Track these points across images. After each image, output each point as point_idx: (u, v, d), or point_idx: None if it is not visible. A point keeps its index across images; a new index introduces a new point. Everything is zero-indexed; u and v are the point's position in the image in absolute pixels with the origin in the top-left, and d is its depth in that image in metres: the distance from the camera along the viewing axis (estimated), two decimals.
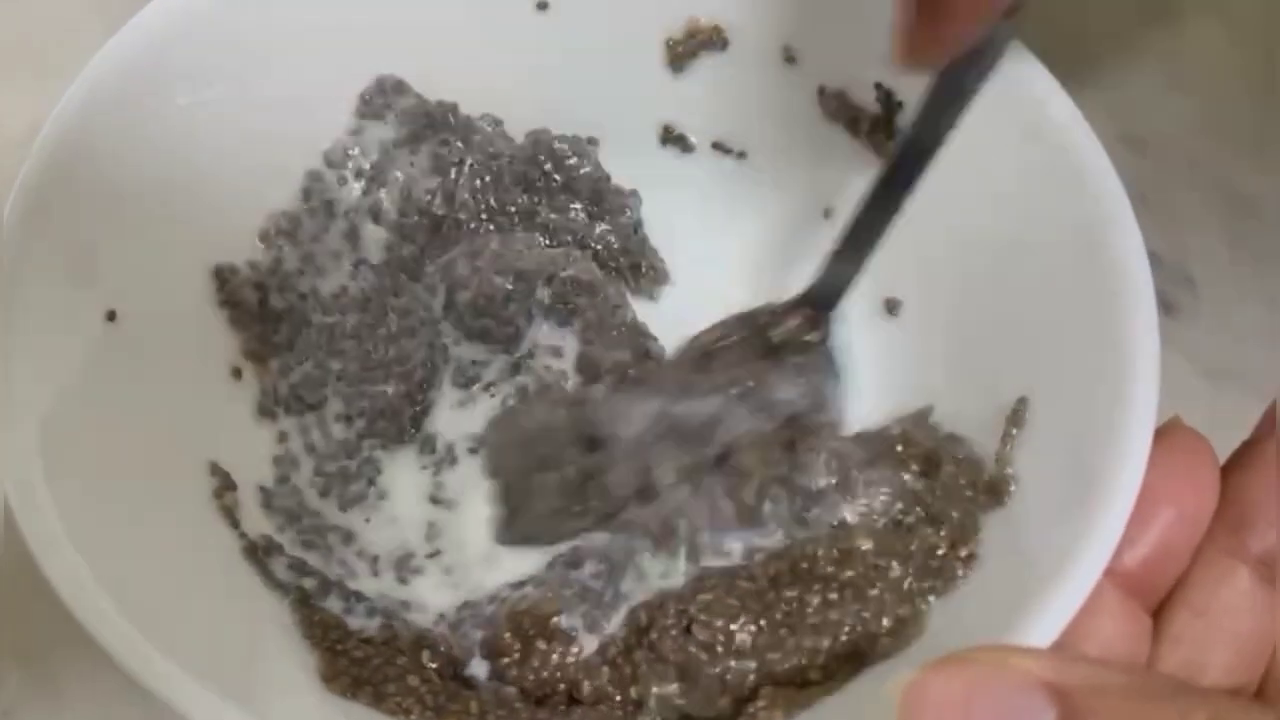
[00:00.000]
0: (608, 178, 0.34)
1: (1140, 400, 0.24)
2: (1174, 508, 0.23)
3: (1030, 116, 0.28)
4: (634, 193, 0.34)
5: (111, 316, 0.27)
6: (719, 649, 0.26)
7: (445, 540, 0.30)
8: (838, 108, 0.32)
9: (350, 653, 0.27)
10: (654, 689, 0.27)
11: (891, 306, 0.32)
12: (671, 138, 0.34)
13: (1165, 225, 0.37)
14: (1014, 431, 0.27)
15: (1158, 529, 0.23)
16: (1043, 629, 0.22)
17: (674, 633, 0.27)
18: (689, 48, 0.33)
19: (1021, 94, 0.28)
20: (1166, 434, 0.24)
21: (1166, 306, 0.36)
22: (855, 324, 0.32)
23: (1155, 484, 0.23)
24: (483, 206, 0.33)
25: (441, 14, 0.32)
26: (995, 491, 0.26)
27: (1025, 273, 0.28)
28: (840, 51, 0.31)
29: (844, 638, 0.26)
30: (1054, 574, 0.22)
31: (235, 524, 0.28)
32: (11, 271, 0.25)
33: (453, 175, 0.33)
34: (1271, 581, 0.23)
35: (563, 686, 0.28)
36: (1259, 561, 0.23)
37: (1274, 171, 0.38)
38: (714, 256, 0.34)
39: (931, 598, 0.26)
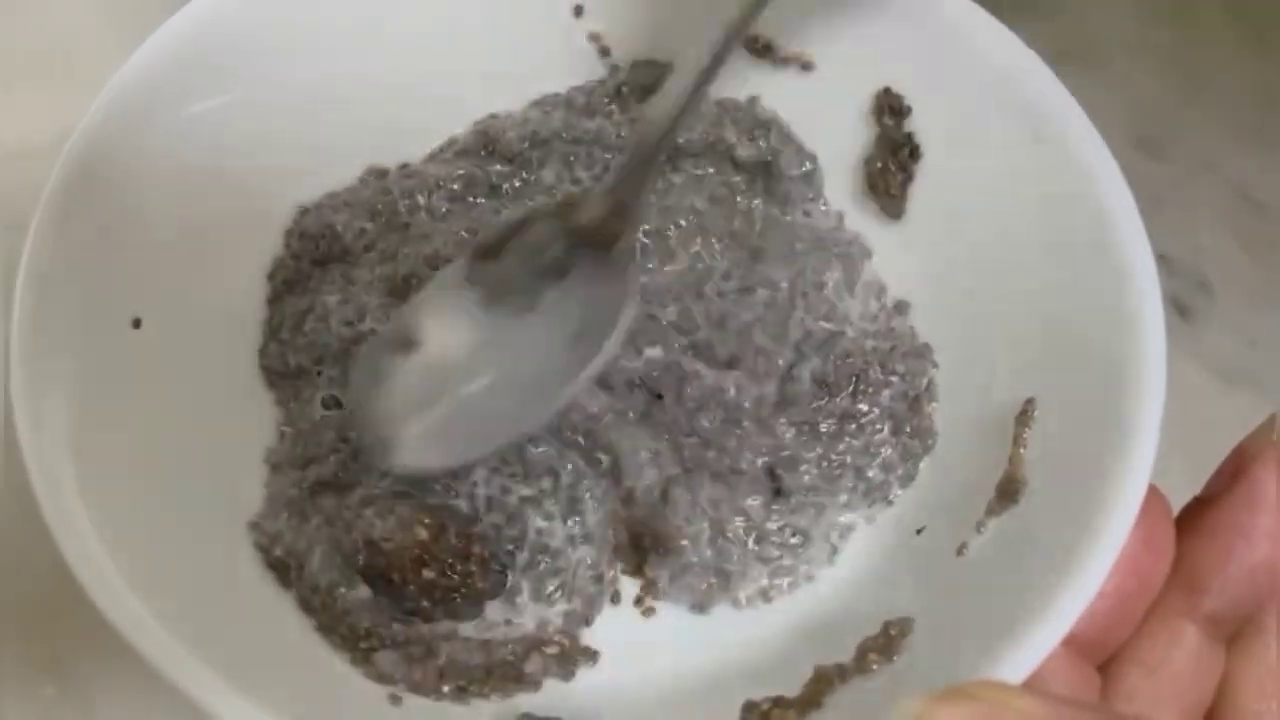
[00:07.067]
0: None
1: (1147, 406, 0.24)
2: (1129, 572, 0.23)
3: (1037, 122, 0.28)
4: None
5: (137, 324, 0.27)
6: None
7: None
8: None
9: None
10: None
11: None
12: None
13: (1180, 228, 0.37)
14: (1024, 432, 0.27)
15: (1110, 592, 0.23)
16: (1044, 635, 0.22)
17: None
18: None
19: (1029, 99, 0.28)
20: None
21: (1181, 310, 0.36)
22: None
23: None
24: None
25: None
26: (1007, 492, 0.26)
27: (1033, 276, 0.28)
28: (854, 58, 0.31)
29: None
30: (1058, 579, 0.22)
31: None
32: (39, 278, 0.25)
33: None
34: (1218, 640, 0.23)
35: None
36: (1207, 620, 0.23)
37: None
38: None
39: None
